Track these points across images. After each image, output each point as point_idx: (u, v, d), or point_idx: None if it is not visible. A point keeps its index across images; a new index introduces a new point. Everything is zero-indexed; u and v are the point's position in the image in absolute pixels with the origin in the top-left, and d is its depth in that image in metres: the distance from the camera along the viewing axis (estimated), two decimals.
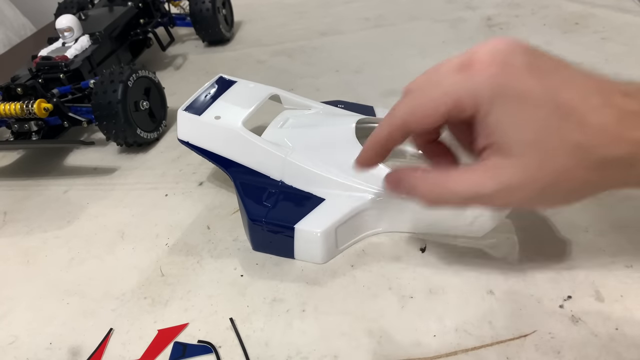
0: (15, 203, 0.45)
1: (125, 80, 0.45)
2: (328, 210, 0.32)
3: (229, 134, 0.36)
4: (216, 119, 0.37)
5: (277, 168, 0.35)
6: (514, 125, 0.22)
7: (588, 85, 0.22)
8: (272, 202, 0.34)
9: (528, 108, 0.22)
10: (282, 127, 0.38)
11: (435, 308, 0.29)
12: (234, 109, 0.37)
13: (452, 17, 0.62)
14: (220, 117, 0.37)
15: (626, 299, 0.27)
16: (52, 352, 0.31)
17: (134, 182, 0.44)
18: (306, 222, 0.32)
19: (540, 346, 0.26)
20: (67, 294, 0.34)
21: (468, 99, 0.23)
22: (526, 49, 0.23)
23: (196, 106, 0.38)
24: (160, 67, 0.65)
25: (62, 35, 0.54)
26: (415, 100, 0.25)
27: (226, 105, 0.38)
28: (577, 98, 0.22)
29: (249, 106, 0.37)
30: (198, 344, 0.29)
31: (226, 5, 0.69)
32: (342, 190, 0.33)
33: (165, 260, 0.35)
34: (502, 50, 0.23)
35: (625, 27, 0.52)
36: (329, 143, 0.35)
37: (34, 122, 0.46)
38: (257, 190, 0.35)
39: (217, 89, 0.40)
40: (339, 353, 0.27)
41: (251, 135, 0.35)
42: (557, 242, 0.31)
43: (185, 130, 0.38)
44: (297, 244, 0.32)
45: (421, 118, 0.25)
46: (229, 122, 0.36)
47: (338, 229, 0.32)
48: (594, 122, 0.22)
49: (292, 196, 0.34)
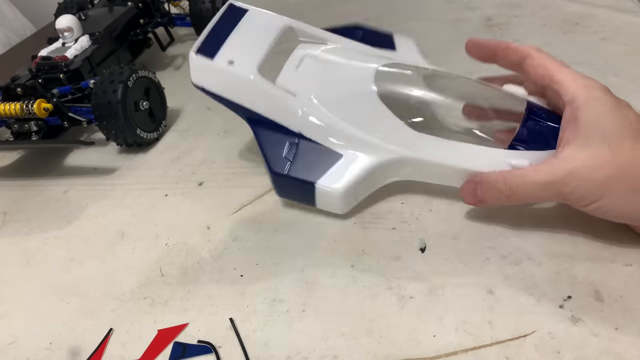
0: (15, 203, 0.45)
1: (125, 80, 0.45)
2: (347, 167, 0.33)
3: (245, 83, 0.34)
4: (230, 65, 0.34)
5: (295, 120, 0.34)
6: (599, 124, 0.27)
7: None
8: (292, 155, 0.34)
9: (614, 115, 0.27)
10: (298, 68, 0.35)
11: (435, 308, 0.29)
12: (247, 50, 0.35)
13: (452, 17, 0.62)
14: (234, 62, 0.35)
15: (626, 299, 0.27)
16: (51, 352, 0.31)
17: (133, 182, 0.44)
18: (327, 179, 0.33)
19: (540, 346, 0.26)
20: (67, 294, 0.34)
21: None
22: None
23: (208, 47, 0.35)
24: (160, 67, 0.65)
25: (62, 35, 0.54)
26: None
27: (239, 45, 0.35)
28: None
29: (263, 46, 0.35)
30: (198, 344, 0.29)
31: None
32: (360, 146, 0.33)
33: (165, 261, 0.35)
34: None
35: (625, 27, 0.52)
36: (347, 94, 0.34)
37: (34, 122, 0.46)
38: (276, 141, 0.34)
39: (228, 22, 0.37)
40: (339, 353, 0.27)
41: (268, 85, 0.34)
42: (557, 242, 0.31)
43: (198, 75, 0.36)
44: (318, 197, 0.34)
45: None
46: (244, 68, 0.34)
47: (357, 184, 0.33)
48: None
49: (311, 150, 0.34)
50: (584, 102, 0.28)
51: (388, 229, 0.34)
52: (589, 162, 0.27)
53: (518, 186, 0.29)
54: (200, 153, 0.46)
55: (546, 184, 0.28)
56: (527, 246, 0.31)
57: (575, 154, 0.27)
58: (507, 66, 0.33)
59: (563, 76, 0.29)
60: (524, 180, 0.29)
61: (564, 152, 0.28)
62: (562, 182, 0.27)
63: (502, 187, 0.30)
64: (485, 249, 0.31)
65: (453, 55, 0.38)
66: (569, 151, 0.28)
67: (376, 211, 0.35)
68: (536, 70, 0.30)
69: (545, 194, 0.28)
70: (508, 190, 0.29)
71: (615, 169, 0.26)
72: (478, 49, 0.34)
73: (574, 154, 0.27)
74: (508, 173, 0.30)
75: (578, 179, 0.27)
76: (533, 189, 0.28)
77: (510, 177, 0.29)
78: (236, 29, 0.36)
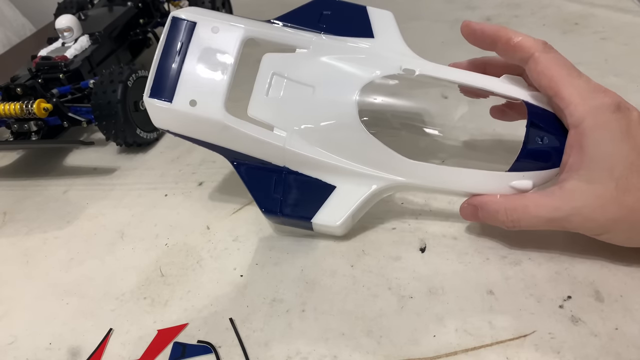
0: (14, 203, 0.45)
1: (124, 80, 0.45)
2: (342, 200, 0.32)
3: (213, 124, 0.31)
4: (192, 106, 0.31)
5: (277, 156, 0.32)
6: (607, 157, 0.25)
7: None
8: (281, 191, 0.32)
9: (624, 147, 0.25)
10: (268, 93, 0.32)
11: (435, 308, 0.29)
12: (207, 83, 0.31)
13: (452, 17, 0.62)
14: (196, 102, 0.31)
15: (626, 299, 0.27)
16: (51, 352, 0.31)
17: (133, 182, 0.44)
18: (322, 214, 0.32)
19: (540, 346, 0.26)
20: (67, 294, 0.34)
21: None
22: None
23: (162, 86, 0.31)
24: None
25: (61, 35, 0.54)
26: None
27: (197, 77, 0.31)
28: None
29: (224, 72, 0.31)
30: (198, 344, 0.29)
31: (226, 5, 0.69)
32: (351, 177, 0.32)
33: (164, 261, 0.35)
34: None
35: (625, 27, 0.52)
36: (329, 125, 0.31)
37: (34, 122, 0.46)
38: (262, 179, 0.33)
39: (177, 44, 0.32)
40: (339, 353, 0.27)
41: (239, 123, 0.31)
42: (557, 242, 0.31)
43: (159, 119, 0.32)
44: (316, 228, 0.33)
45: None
46: (208, 108, 0.31)
47: (354, 214, 0.32)
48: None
49: (301, 184, 0.32)
50: (591, 128, 0.26)
51: (388, 229, 0.34)
52: (594, 201, 0.26)
53: (520, 220, 0.28)
54: (200, 153, 0.46)
55: (549, 220, 0.27)
56: (527, 246, 0.31)
57: (580, 189, 0.26)
58: (509, 61, 0.31)
59: (569, 92, 0.27)
60: (525, 214, 0.28)
61: (568, 184, 0.26)
62: (565, 219, 0.27)
63: (503, 218, 0.29)
64: (485, 249, 0.31)
65: (453, 55, 0.38)
66: (573, 184, 0.26)
67: (376, 211, 0.35)
68: (540, 79, 0.28)
69: (548, 226, 0.28)
70: (510, 222, 0.29)
71: (620, 210, 0.25)
72: (475, 37, 0.31)
73: (578, 189, 0.26)
74: (510, 202, 0.28)
75: (581, 218, 0.26)
76: (535, 222, 0.28)
77: (513, 210, 0.28)
78: (189, 54, 0.32)
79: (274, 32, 0.33)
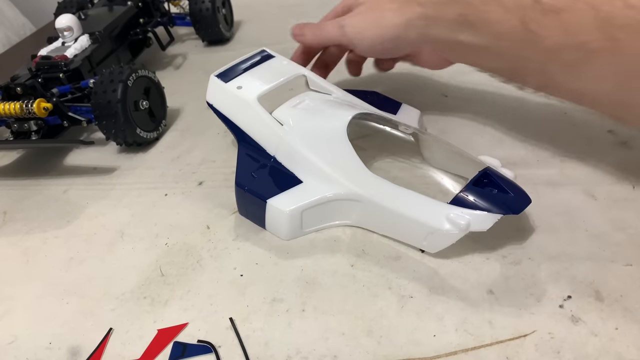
0: (14, 203, 0.45)
1: (125, 79, 0.45)
2: (301, 193, 0.34)
3: (243, 105, 0.38)
4: (237, 89, 0.38)
5: (273, 144, 0.37)
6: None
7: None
8: (260, 173, 0.36)
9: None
10: (294, 106, 0.38)
11: (435, 308, 0.29)
12: (257, 82, 0.39)
13: None
14: (242, 88, 0.38)
15: (626, 299, 0.27)
16: (51, 352, 0.31)
17: (133, 181, 0.44)
18: (278, 199, 0.34)
19: (540, 346, 0.26)
20: (67, 294, 0.34)
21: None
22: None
23: (228, 74, 0.40)
24: (160, 66, 0.65)
25: (61, 34, 0.54)
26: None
27: (253, 78, 0.40)
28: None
29: (272, 82, 0.39)
30: (198, 343, 0.29)
31: (226, 5, 0.69)
32: (320, 178, 0.34)
33: (164, 260, 0.35)
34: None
35: None
36: (322, 132, 0.36)
37: (34, 122, 0.46)
38: (252, 160, 0.37)
39: (253, 61, 0.42)
40: (339, 353, 0.27)
41: (260, 109, 0.37)
42: (556, 242, 0.31)
43: (211, 93, 0.40)
44: (268, 216, 0.35)
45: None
46: (247, 93, 0.38)
47: (304, 212, 0.34)
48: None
49: (278, 173, 0.36)
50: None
51: None
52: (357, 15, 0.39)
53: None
54: (200, 152, 0.46)
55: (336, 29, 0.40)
56: (527, 246, 0.31)
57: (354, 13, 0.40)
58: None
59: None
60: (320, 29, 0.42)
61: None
62: (345, 25, 0.39)
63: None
64: (485, 249, 0.32)
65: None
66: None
67: None
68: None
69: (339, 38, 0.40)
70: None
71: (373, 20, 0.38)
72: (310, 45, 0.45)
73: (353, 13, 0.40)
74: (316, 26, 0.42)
75: (352, 26, 0.39)
76: (325, 32, 0.42)
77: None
78: (256, 67, 0.41)
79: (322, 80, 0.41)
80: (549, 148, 0.38)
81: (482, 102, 0.45)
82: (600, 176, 0.35)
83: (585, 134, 0.39)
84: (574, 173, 0.36)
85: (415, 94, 0.38)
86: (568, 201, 0.34)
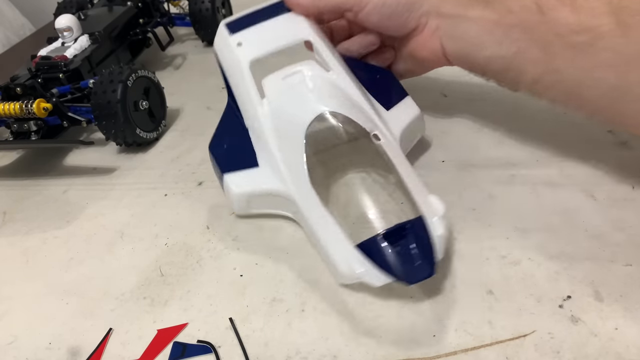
0: (14, 203, 0.45)
1: (124, 80, 0.45)
2: (252, 178, 0.35)
3: (236, 65, 0.37)
4: (237, 46, 0.37)
5: (250, 116, 0.37)
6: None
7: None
8: (229, 142, 0.37)
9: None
10: (284, 79, 0.35)
11: (435, 308, 0.29)
12: (258, 42, 0.37)
13: None
14: (241, 45, 0.37)
15: (626, 299, 0.27)
16: (51, 352, 0.31)
17: (133, 182, 0.44)
18: (232, 176, 0.35)
19: (539, 346, 0.26)
20: (67, 294, 0.34)
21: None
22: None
23: (237, 24, 0.39)
24: (160, 67, 0.65)
25: (61, 35, 0.54)
26: None
27: (256, 35, 0.38)
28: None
29: (274, 44, 0.37)
30: (197, 343, 0.29)
31: (225, 5, 0.69)
32: (273, 170, 0.34)
33: (164, 260, 0.35)
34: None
35: None
36: (290, 122, 0.34)
37: (34, 122, 0.46)
38: (229, 127, 0.38)
39: (266, 13, 0.39)
40: (339, 353, 0.27)
41: (248, 76, 0.36)
42: (557, 242, 0.31)
43: (217, 42, 0.40)
44: (224, 187, 0.36)
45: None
46: (243, 53, 0.37)
47: (252, 196, 0.35)
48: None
49: (243, 147, 0.36)
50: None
51: None
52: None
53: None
54: (200, 153, 0.46)
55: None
56: (527, 246, 0.31)
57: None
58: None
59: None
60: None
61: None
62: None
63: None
64: (485, 249, 0.31)
65: None
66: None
67: None
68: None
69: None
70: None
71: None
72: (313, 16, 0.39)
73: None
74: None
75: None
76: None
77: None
78: (266, 21, 0.38)
79: (328, 52, 0.38)
80: (548, 148, 0.38)
81: (482, 102, 0.44)
82: (599, 176, 0.35)
83: (585, 134, 0.39)
84: (574, 173, 0.36)
85: (415, 94, 0.38)
86: (568, 201, 0.34)
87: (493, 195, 0.35)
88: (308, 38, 0.37)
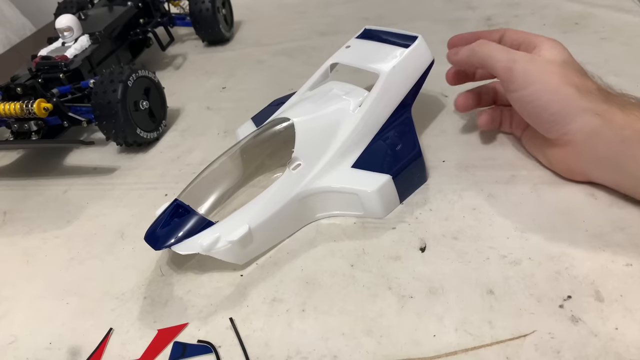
0: (15, 203, 0.45)
1: (125, 80, 0.45)
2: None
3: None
4: (346, 48, 0.42)
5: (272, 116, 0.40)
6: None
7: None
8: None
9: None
10: (304, 98, 0.40)
11: (435, 308, 0.29)
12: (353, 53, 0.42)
13: (452, 17, 0.62)
14: (349, 47, 0.42)
15: (626, 299, 0.27)
16: (51, 352, 0.31)
17: (133, 182, 0.44)
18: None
19: (540, 346, 0.26)
20: (67, 294, 0.34)
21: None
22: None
23: (369, 33, 0.43)
24: (160, 67, 0.65)
25: (61, 35, 0.54)
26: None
27: (361, 47, 0.42)
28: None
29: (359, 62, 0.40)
30: (198, 343, 0.29)
31: (226, 5, 0.69)
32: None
33: (164, 260, 0.35)
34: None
35: (625, 27, 0.52)
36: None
37: (34, 122, 0.46)
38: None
39: (395, 37, 0.41)
40: (339, 353, 0.27)
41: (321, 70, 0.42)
42: (557, 242, 0.31)
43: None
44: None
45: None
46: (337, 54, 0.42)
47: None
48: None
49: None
50: (547, 46, 0.35)
51: (388, 229, 0.34)
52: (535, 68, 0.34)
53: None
54: (200, 152, 0.46)
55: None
56: (527, 246, 0.31)
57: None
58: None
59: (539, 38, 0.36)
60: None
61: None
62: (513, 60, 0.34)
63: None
64: (485, 249, 0.31)
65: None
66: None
67: None
68: (517, 35, 0.37)
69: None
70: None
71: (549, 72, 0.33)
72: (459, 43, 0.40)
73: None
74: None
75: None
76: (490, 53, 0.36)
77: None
78: (382, 44, 0.41)
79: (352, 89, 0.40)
80: None
81: None
82: None
83: None
84: None
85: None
86: (568, 201, 0.34)
87: (493, 195, 0.35)
88: (378, 73, 0.38)
